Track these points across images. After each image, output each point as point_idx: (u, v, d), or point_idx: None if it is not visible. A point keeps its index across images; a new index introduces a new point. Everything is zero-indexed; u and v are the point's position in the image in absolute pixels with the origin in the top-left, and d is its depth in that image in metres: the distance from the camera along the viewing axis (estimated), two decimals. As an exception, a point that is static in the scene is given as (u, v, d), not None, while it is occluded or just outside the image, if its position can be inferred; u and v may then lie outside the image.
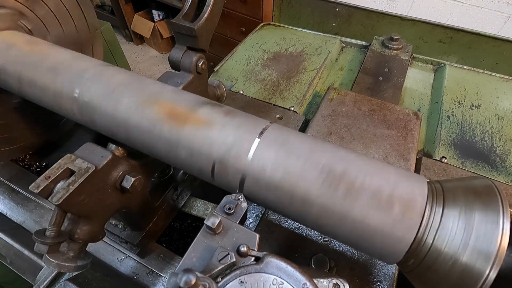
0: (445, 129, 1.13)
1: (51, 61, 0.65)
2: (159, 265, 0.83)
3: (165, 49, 4.27)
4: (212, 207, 0.93)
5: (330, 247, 0.80)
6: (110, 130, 0.61)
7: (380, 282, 0.74)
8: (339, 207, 0.45)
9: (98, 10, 4.30)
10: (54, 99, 0.64)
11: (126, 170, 0.61)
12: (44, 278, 0.76)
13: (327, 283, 0.47)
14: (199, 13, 0.68)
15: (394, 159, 0.92)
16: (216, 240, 0.45)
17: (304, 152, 0.49)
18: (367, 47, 1.55)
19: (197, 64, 0.73)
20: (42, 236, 0.52)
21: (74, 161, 0.54)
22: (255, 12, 2.67)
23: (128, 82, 0.61)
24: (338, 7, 2.37)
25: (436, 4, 2.08)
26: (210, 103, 0.58)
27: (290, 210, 0.50)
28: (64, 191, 0.50)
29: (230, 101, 1.21)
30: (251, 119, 0.55)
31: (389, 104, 1.09)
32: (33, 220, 0.94)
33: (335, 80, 1.45)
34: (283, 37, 1.62)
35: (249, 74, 1.39)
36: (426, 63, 1.50)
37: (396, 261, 0.46)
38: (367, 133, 1.00)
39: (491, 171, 1.00)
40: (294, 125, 1.13)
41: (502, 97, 1.26)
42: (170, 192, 0.85)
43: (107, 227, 0.77)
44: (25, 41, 0.70)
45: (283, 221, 0.85)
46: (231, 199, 0.51)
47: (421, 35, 2.20)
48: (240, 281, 0.40)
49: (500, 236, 0.38)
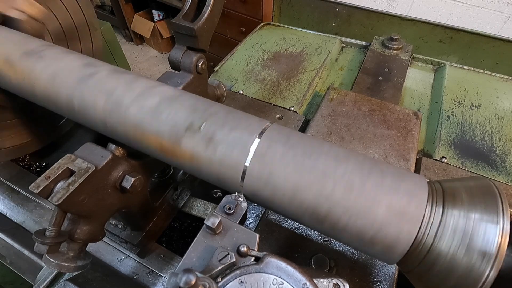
0: (445, 129, 1.13)
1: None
2: (159, 265, 0.83)
3: (165, 49, 4.28)
4: (212, 207, 0.93)
5: (330, 247, 0.80)
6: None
7: (380, 282, 0.74)
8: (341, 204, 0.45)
9: (98, 10, 4.31)
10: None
11: (126, 170, 0.61)
12: (44, 278, 0.76)
13: (327, 283, 0.47)
14: (199, 13, 0.68)
15: (394, 159, 0.92)
16: (216, 240, 0.45)
17: (304, 152, 0.49)
18: (367, 47, 1.55)
19: (197, 64, 0.73)
20: (42, 236, 0.52)
21: (74, 161, 0.54)
22: (255, 12, 2.67)
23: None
24: (338, 7, 2.38)
25: (436, 4, 2.08)
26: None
27: (288, 210, 0.50)
28: (64, 191, 0.50)
29: (230, 101, 1.21)
30: (251, 118, 0.55)
31: (389, 104, 1.09)
32: (33, 220, 0.94)
33: (335, 80, 1.45)
34: (283, 37, 1.62)
35: (249, 74, 1.39)
36: (426, 63, 1.50)
37: (396, 261, 0.46)
38: (367, 133, 1.00)
39: (491, 171, 1.00)
40: (294, 125, 1.13)
41: (502, 97, 1.26)
42: (170, 192, 0.85)
43: (107, 227, 0.77)
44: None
45: (283, 221, 0.85)
46: (231, 199, 0.51)
47: (421, 35, 2.21)
48: (240, 281, 0.40)
49: (500, 236, 0.38)
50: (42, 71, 0.63)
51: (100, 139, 0.62)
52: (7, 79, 0.67)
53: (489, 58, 2.08)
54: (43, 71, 0.63)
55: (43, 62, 0.64)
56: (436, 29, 2.13)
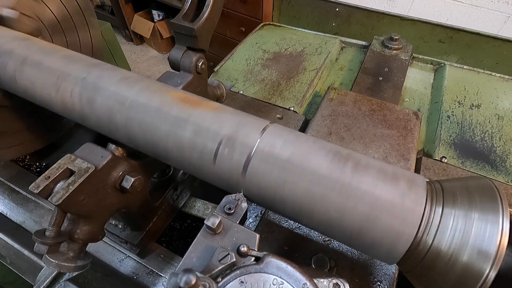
0: (445, 129, 1.13)
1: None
2: (159, 265, 0.83)
3: (165, 49, 4.28)
4: (212, 207, 0.93)
5: (330, 247, 0.80)
6: (109, 108, 0.59)
7: (380, 282, 0.74)
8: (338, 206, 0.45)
9: (98, 10, 4.31)
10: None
11: (126, 170, 0.61)
12: (44, 278, 0.76)
13: (327, 283, 0.47)
14: (199, 13, 0.68)
15: (394, 159, 0.92)
16: (216, 240, 0.45)
17: (304, 152, 0.49)
18: (367, 47, 1.55)
19: (197, 64, 0.73)
20: (42, 236, 0.52)
21: (74, 161, 0.54)
22: (255, 12, 2.67)
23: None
24: (338, 7, 2.38)
25: (436, 4, 2.08)
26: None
27: (293, 197, 0.49)
28: (64, 191, 0.50)
29: (230, 101, 1.21)
30: (251, 118, 0.55)
31: (389, 104, 1.09)
32: (33, 220, 0.94)
33: (335, 80, 1.45)
34: (283, 37, 1.62)
35: (249, 74, 1.39)
36: (426, 63, 1.50)
37: (396, 261, 0.46)
38: (367, 133, 1.00)
39: (491, 171, 1.00)
40: (294, 125, 1.13)
41: (502, 97, 1.26)
42: (170, 192, 0.85)
43: (107, 227, 0.77)
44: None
45: (283, 221, 0.85)
46: (231, 199, 0.51)
47: (421, 35, 2.21)
48: (240, 281, 0.40)
49: (500, 236, 0.38)
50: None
51: (100, 139, 0.62)
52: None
53: (489, 58, 2.08)
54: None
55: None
56: (436, 29, 2.13)
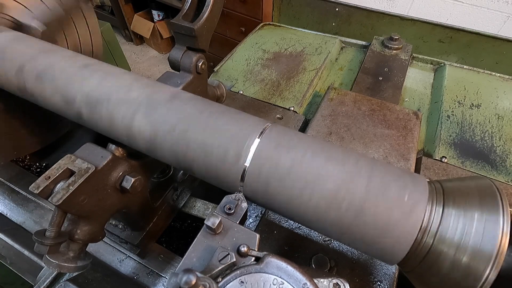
0: (445, 128, 1.13)
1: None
2: (159, 265, 0.83)
3: (165, 49, 4.28)
4: (212, 207, 0.93)
5: (330, 247, 0.80)
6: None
7: (380, 282, 0.74)
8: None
9: (98, 10, 4.30)
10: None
11: (126, 170, 0.61)
12: (44, 278, 0.76)
13: (328, 283, 0.47)
14: (198, 13, 0.68)
15: (394, 159, 0.92)
16: (216, 240, 0.45)
17: (304, 152, 0.49)
18: (367, 47, 1.55)
19: (196, 64, 0.73)
20: (42, 236, 0.52)
21: (74, 162, 0.54)
22: (255, 12, 2.67)
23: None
24: (338, 7, 2.38)
25: (436, 4, 2.08)
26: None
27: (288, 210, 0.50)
28: (64, 192, 0.50)
29: (230, 101, 1.21)
30: (251, 119, 0.55)
31: (389, 104, 1.09)
32: (33, 221, 0.94)
33: (335, 80, 1.45)
34: (283, 37, 1.62)
35: (249, 74, 1.39)
36: (426, 62, 1.50)
37: (396, 262, 0.46)
38: (367, 133, 1.00)
39: (491, 170, 1.00)
40: (294, 125, 1.13)
41: (502, 96, 1.26)
42: (170, 193, 0.85)
43: (107, 227, 0.77)
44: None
45: (283, 221, 0.85)
46: (231, 199, 0.51)
47: (421, 35, 2.21)
48: (241, 281, 0.40)
49: (500, 236, 0.38)
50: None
51: (100, 139, 0.62)
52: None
53: (489, 57, 2.08)
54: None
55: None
56: (436, 29, 2.13)
